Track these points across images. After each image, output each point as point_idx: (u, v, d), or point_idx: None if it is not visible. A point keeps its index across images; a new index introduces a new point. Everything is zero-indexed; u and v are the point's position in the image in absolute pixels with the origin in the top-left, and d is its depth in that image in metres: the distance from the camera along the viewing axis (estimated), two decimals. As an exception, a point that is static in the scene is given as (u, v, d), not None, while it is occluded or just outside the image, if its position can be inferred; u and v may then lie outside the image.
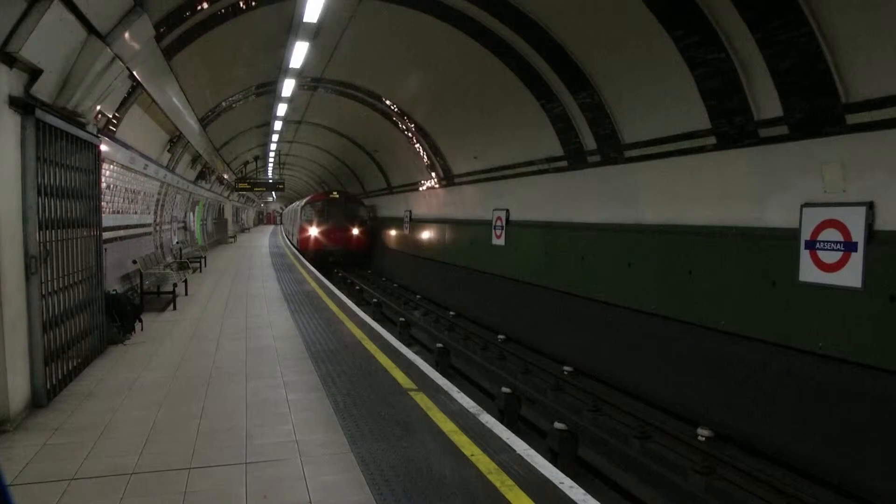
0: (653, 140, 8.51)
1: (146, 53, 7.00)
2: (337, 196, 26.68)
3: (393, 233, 24.06)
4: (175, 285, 10.55)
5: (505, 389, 8.11)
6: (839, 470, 5.89)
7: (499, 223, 13.75)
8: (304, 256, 22.95)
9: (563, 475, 3.64)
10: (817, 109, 6.10)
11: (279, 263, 19.10)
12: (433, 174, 17.70)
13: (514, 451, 3.99)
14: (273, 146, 26.81)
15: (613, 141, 9.30)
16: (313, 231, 25.68)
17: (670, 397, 8.11)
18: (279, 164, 32.32)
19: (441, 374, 6.20)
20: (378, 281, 23.21)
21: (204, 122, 14.60)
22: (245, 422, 4.56)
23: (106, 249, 7.78)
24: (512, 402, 7.94)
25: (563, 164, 10.89)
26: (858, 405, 5.88)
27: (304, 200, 28.69)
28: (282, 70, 13.20)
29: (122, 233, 10.54)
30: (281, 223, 65.07)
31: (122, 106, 8.09)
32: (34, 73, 4.65)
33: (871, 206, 5.80)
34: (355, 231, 26.03)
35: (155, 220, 14.10)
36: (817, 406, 6.27)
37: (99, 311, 6.55)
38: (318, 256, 24.60)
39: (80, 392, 5.28)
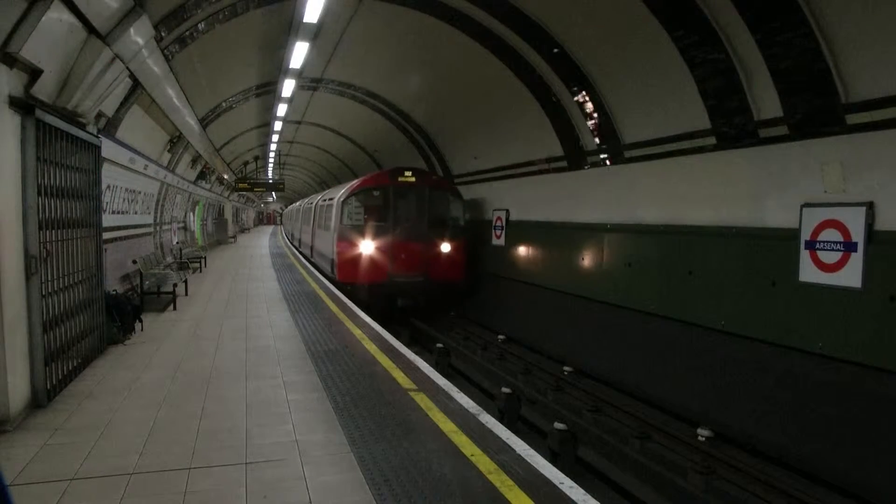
0: (653, 140, 8.51)
1: (146, 53, 7.00)
2: (412, 179, 13.69)
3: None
4: (175, 285, 10.54)
5: (505, 389, 8.12)
6: (840, 469, 5.89)
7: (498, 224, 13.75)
8: (346, 293, 12.20)
9: (562, 475, 3.64)
10: (817, 109, 6.10)
11: (279, 264, 19.09)
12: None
13: (514, 451, 3.99)
14: (273, 146, 26.59)
15: (613, 141, 9.30)
16: (367, 248, 13.25)
17: (670, 397, 8.11)
18: (279, 164, 32.26)
19: (441, 374, 6.20)
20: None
21: (204, 122, 14.60)
22: (245, 422, 4.56)
23: (106, 249, 7.78)
24: (512, 402, 7.94)
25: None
26: (858, 405, 5.88)
27: (346, 189, 14.57)
28: (282, 70, 13.19)
29: (122, 233, 10.54)
30: (281, 224, 62.69)
31: (122, 106, 8.08)
32: (34, 74, 4.65)
33: (870, 207, 5.80)
34: (446, 247, 13.67)
35: (155, 221, 14.11)
36: (817, 406, 6.27)
37: (99, 311, 6.55)
38: (381, 296, 13.18)
39: (81, 392, 5.28)
